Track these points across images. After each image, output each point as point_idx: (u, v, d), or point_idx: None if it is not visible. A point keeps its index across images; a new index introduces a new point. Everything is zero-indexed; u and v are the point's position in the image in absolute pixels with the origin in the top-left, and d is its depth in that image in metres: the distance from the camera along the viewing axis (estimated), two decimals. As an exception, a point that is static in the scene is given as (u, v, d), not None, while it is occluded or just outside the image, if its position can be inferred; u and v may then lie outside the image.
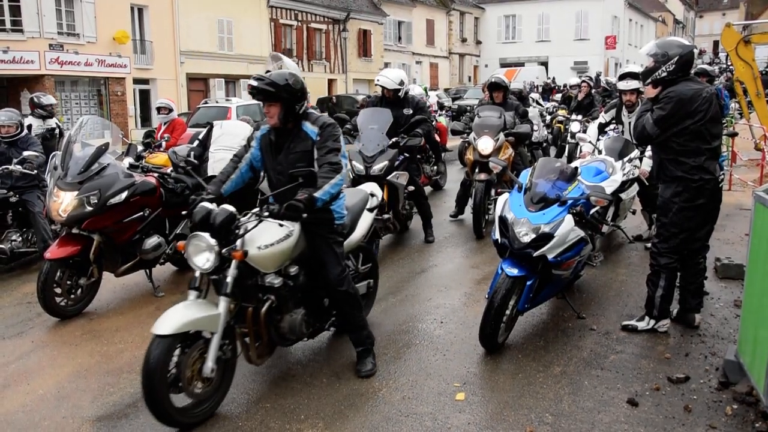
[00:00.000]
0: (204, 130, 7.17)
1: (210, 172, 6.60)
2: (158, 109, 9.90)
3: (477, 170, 8.10)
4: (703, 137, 4.62)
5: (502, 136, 8.03)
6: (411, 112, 7.58)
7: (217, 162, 6.67)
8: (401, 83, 7.58)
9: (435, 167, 11.37)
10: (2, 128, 7.29)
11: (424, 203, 7.92)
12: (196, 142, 6.93)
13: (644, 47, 4.83)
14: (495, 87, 8.82)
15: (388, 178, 6.96)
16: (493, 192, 8.14)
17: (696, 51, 4.64)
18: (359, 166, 6.95)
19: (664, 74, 4.64)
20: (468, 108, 12.76)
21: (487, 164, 7.77)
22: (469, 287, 6.25)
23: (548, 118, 15.14)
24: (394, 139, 7.14)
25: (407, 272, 6.78)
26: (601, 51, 47.99)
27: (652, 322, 4.93)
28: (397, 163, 7.14)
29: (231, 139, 6.71)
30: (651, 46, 4.78)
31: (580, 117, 12.96)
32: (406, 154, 7.40)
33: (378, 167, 6.89)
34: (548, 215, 4.59)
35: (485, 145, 7.90)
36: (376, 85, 7.63)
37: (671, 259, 4.81)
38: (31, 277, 6.59)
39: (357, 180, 6.83)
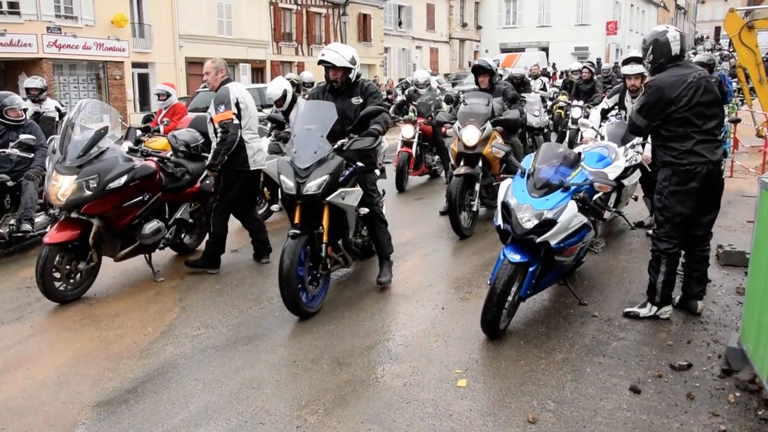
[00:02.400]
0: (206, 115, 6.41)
1: (252, 167, 6.19)
2: (157, 95, 9.82)
3: (462, 163, 7.46)
4: (691, 122, 4.61)
5: (489, 125, 7.40)
6: (361, 101, 5.64)
7: (256, 153, 6.11)
8: (353, 62, 5.61)
9: (436, 156, 11.30)
10: (13, 111, 7.38)
11: (383, 231, 5.97)
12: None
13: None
14: (480, 71, 8.05)
15: (329, 198, 5.10)
16: (476, 186, 7.48)
17: (677, 33, 4.71)
18: (289, 183, 5.05)
19: (648, 63, 4.89)
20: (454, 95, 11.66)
21: (472, 157, 7.35)
22: (471, 273, 6.22)
23: (549, 103, 15.08)
24: (340, 142, 5.27)
25: (408, 257, 6.76)
26: (602, 36, 47.71)
27: (654, 308, 4.92)
28: (343, 176, 5.26)
29: (255, 123, 6.31)
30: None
31: (581, 103, 12.92)
32: (359, 164, 5.51)
33: (314, 184, 4.99)
34: (551, 201, 4.56)
35: (470, 135, 7.27)
36: (319, 63, 5.58)
37: (670, 243, 4.81)
38: (30, 261, 6.56)
39: (291, 200, 5.18)
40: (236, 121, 6.02)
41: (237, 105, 6.07)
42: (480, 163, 7.43)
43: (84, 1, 23.52)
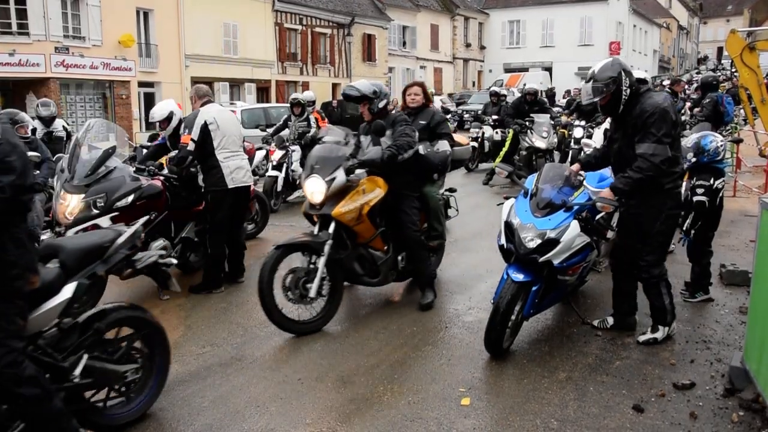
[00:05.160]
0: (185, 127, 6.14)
1: (231, 185, 6.17)
2: (158, 123, 9.32)
3: (318, 227, 5.32)
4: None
5: (340, 173, 5.23)
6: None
7: (234, 171, 6.20)
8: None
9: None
10: (22, 128, 7.55)
11: None
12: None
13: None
14: (349, 101, 5.84)
15: None
16: (320, 262, 5.14)
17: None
18: None
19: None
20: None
21: (322, 218, 5.27)
22: (474, 292, 6.24)
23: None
24: None
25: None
26: (606, 57, 47.82)
27: (666, 328, 4.88)
28: None
29: (234, 141, 6.43)
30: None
31: (583, 122, 12.98)
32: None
33: None
34: (554, 221, 4.60)
35: (313, 188, 5.22)
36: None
37: (662, 267, 4.86)
38: (36, 279, 6.59)
39: None
40: (191, 147, 6.08)
41: (205, 128, 6.12)
42: (332, 228, 5.21)
43: (92, 21, 23.77)
